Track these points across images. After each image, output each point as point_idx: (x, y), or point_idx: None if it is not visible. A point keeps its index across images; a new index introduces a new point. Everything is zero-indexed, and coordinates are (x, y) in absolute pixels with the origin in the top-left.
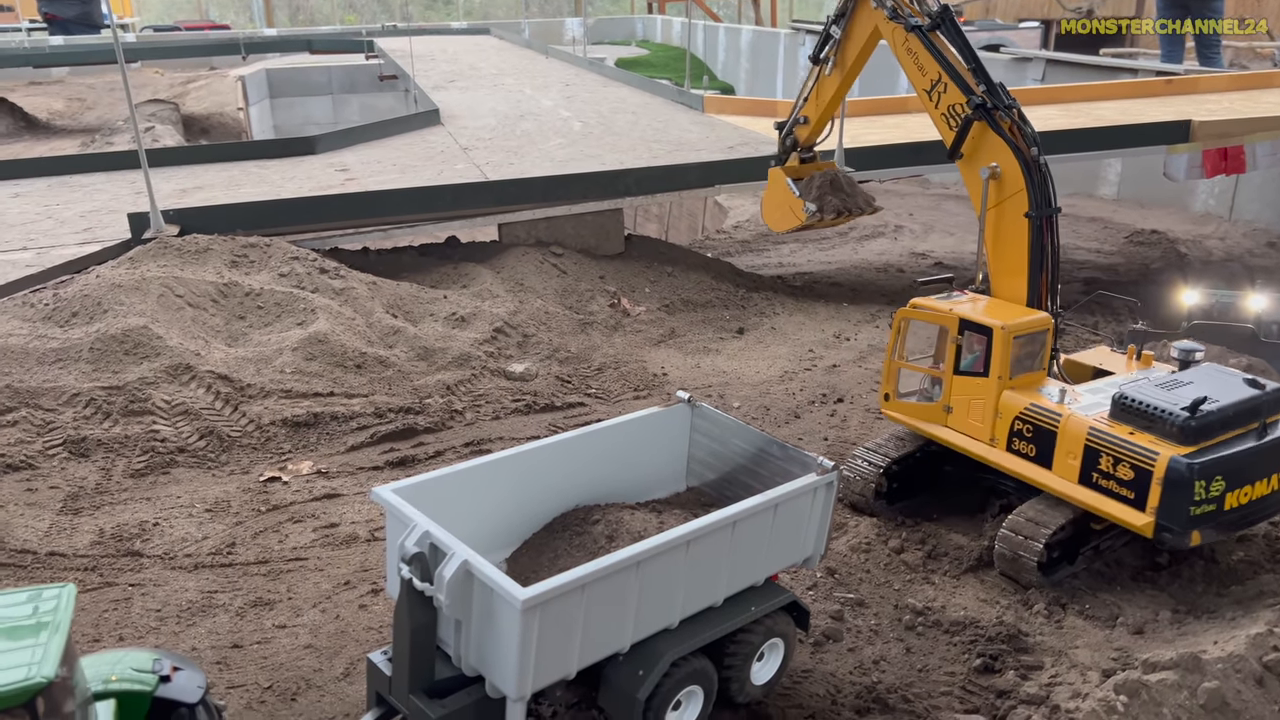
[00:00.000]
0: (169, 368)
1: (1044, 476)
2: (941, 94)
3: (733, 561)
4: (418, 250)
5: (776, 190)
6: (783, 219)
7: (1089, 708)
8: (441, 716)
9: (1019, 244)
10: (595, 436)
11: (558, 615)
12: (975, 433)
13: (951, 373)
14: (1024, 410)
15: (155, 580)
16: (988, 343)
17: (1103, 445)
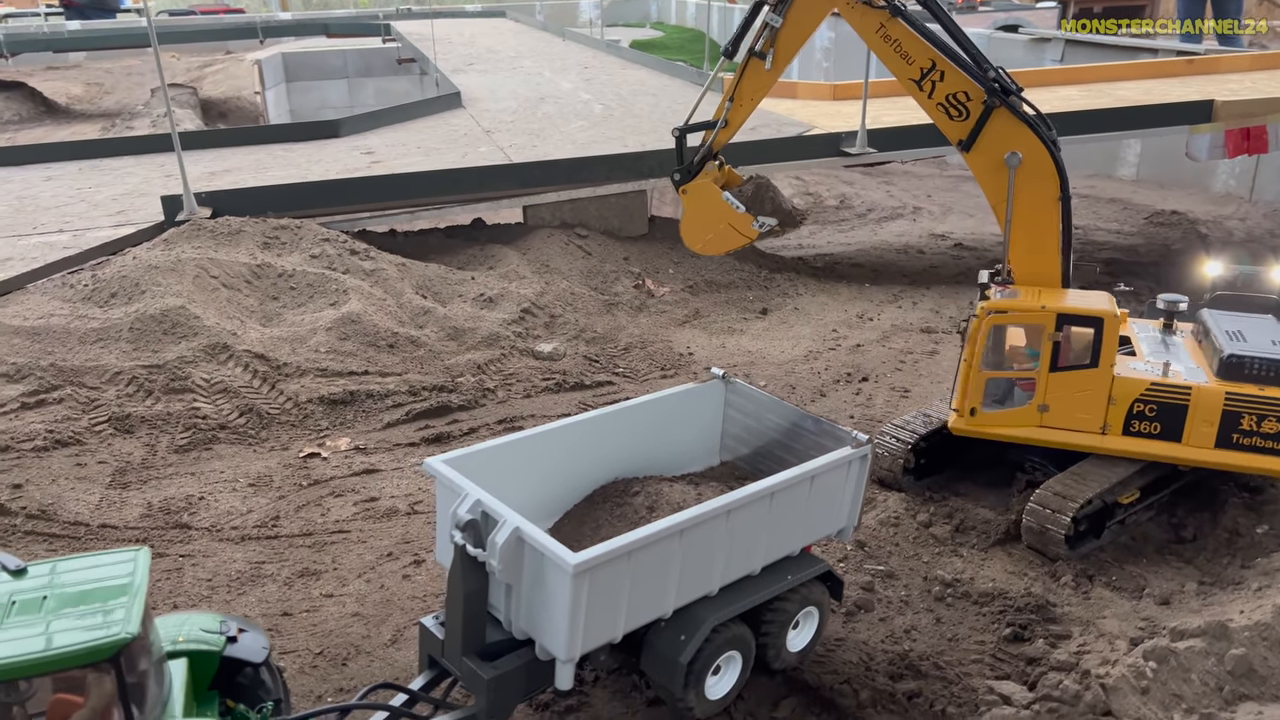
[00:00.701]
0: (207, 347)
1: (1173, 450)
2: (936, 82)
3: (770, 531)
4: (444, 232)
5: (708, 208)
6: (719, 239)
7: (1119, 673)
8: (494, 677)
9: (1049, 228)
10: (634, 411)
11: (606, 580)
12: (1081, 425)
13: (1048, 370)
14: (1146, 390)
15: (204, 551)
16: (1096, 332)
17: (1243, 407)
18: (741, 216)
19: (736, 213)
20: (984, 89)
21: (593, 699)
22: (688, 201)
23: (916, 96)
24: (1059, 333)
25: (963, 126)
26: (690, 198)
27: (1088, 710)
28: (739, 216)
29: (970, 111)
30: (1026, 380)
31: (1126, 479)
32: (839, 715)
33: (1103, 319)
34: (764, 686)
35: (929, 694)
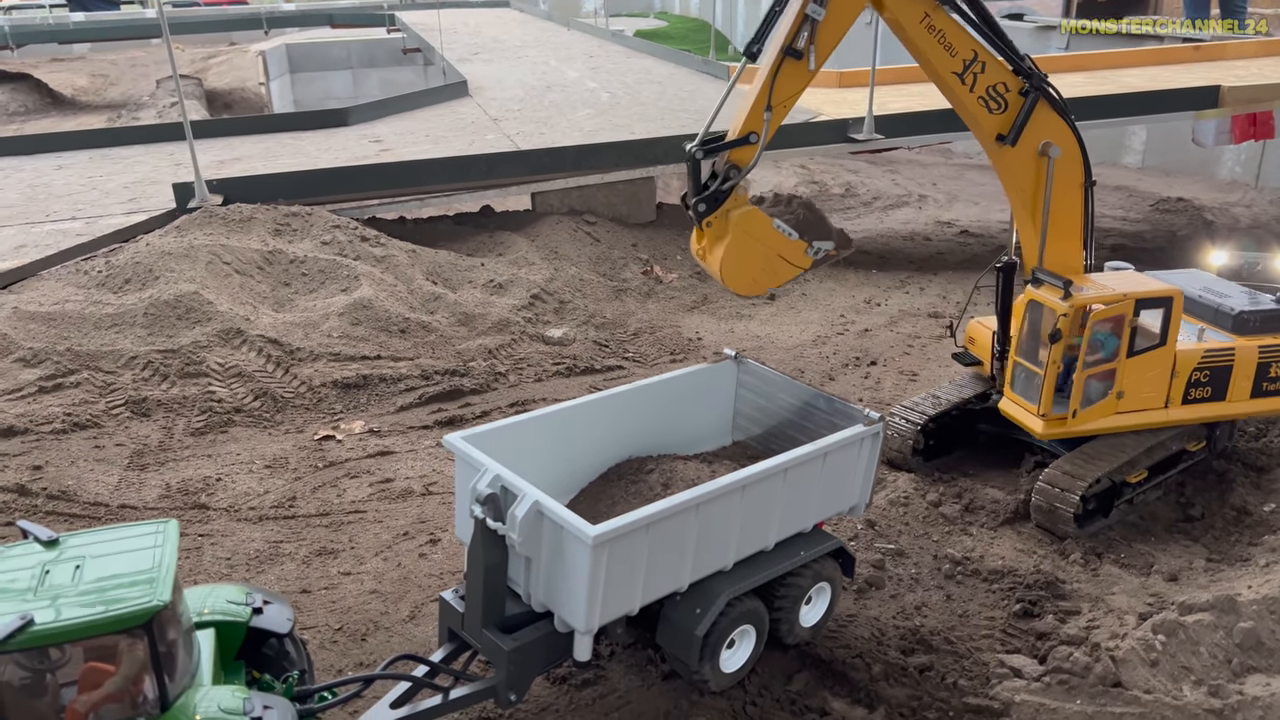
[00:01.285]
0: (221, 332)
1: (1219, 409)
2: (978, 75)
3: (784, 507)
4: (453, 219)
5: (755, 239)
6: (768, 274)
7: (1128, 646)
8: (514, 649)
9: (1074, 213)
10: (648, 391)
11: (624, 552)
12: (1148, 404)
13: (1125, 357)
14: (1202, 359)
15: (223, 531)
16: (1166, 311)
17: (1271, 357)
18: (794, 244)
19: (789, 240)
20: (1024, 79)
21: (609, 672)
22: (726, 236)
23: (954, 90)
24: (1137, 317)
25: (1003, 119)
26: (730, 230)
27: (1098, 682)
28: (791, 245)
29: (1008, 103)
30: (1106, 371)
31: (1135, 458)
32: (852, 689)
33: (1173, 298)
34: (777, 661)
35: (940, 668)
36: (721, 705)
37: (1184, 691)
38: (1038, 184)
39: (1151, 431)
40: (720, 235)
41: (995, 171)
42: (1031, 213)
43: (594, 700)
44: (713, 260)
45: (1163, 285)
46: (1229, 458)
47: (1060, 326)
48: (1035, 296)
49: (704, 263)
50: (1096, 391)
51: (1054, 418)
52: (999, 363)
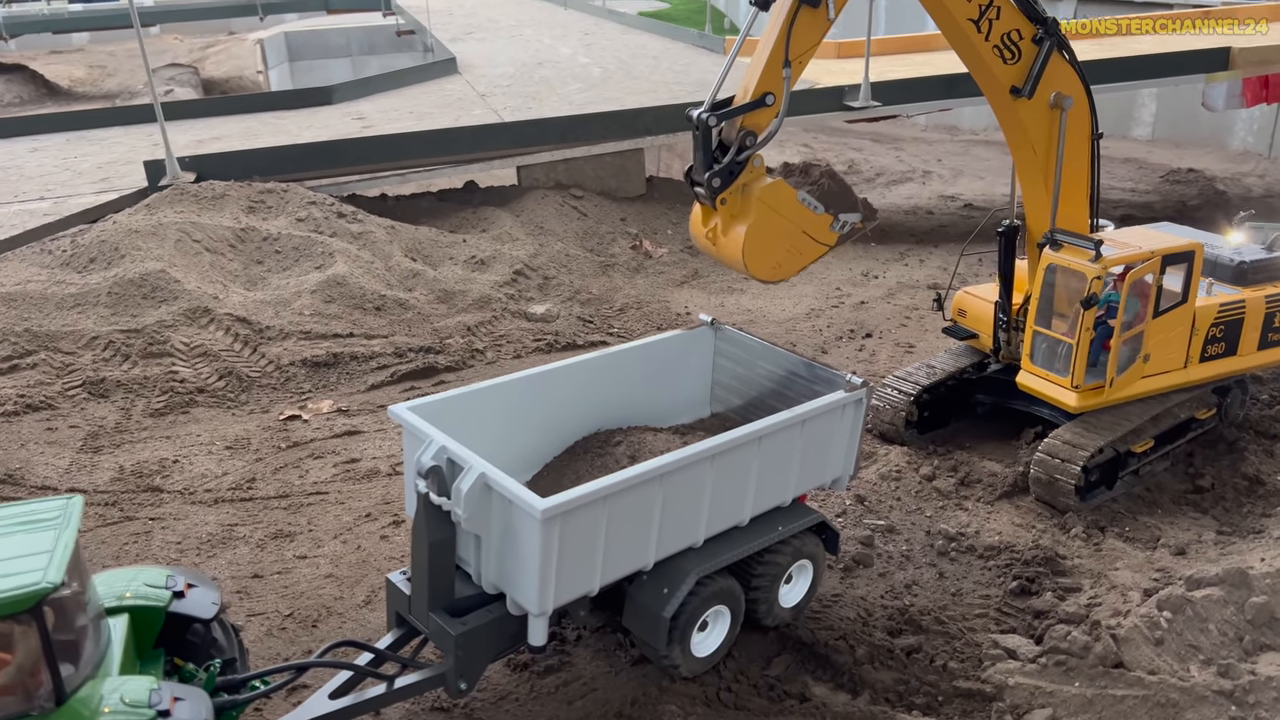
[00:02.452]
0: (187, 311)
1: (1231, 364)
2: (993, 20)
3: (759, 479)
4: (436, 195)
5: (779, 215)
6: (793, 255)
7: (1131, 624)
8: (462, 634)
9: (1083, 170)
10: (617, 358)
11: (579, 528)
12: (1171, 365)
13: (1152, 317)
14: (1218, 314)
15: (175, 514)
16: (1189, 267)
17: (1276, 306)
18: (819, 219)
19: (814, 215)
20: (1038, 25)
21: (574, 658)
22: (743, 213)
23: (969, 40)
24: (1162, 275)
25: (1017, 70)
26: (753, 206)
27: (1098, 662)
28: (816, 220)
29: (1021, 51)
30: (1136, 333)
31: (1140, 427)
32: (835, 672)
33: (1194, 251)
34: (756, 644)
35: (929, 649)
36: (693, 691)
37: (1191, 672)
38: (1050, 139)
39: (1158, 398)
40: (736, 214)
41: (1004, 131)
42: (1044, 171)
43: (556, 688)
44: (729, 244)
45: (1184, 239)
46: (1240, 426)
47: (1095, 290)
48: (1058, 260)
49: (714, 249)
50: (1126, 356)
51: (1088, 389)
52: (1004, 333)
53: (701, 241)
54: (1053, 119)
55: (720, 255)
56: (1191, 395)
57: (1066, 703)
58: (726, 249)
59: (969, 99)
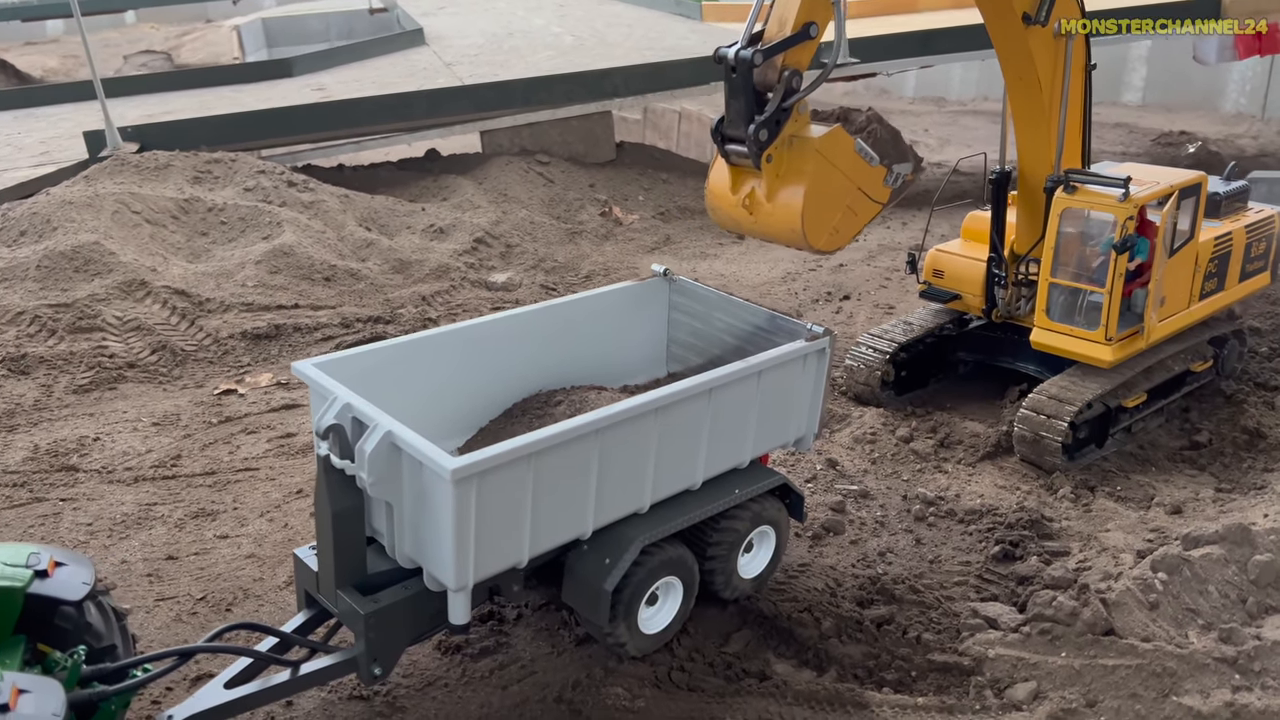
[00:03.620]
0: (122, 284)
1: (1221, 300)
2: None
3: (711, 437)
4: (395, 165)
5: (839, 170)
6: (849, 216)
7: (1123, 587)
8: (373, 613)
9: (1080, 105)
10: (558, 310)
11: (500, 490)
12: (1180, 306)
13: (1165, 259)
14: (1215, 247)
15: (89, 495)
16: (1195, 201)
17: (1253, 236)
18: (874, 172)
19: (870, 168)
20: None
21: (513, 639)
22: (794, 171)
23: None
24: (1178, 211)
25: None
26: (810, 160)
27: (1086, 630)
28: (871, 173)
29: None
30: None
31: (1132, 380)
32: (799, 648)
33: (1201, 184)
34: (713, 619)
35: (902, 620)
36: (642, 672)
37: (1190, 638)
38: (1055, 71)
39: (1151, 350)
40: (784, 173)
41: (1006, 68)
42: (1048, 108)
43: (491, 672)
44: (778, 211)
45: (1189, 172)
46: (1239, 379)
47: (1130, 230)
48: (1077, 203)
49: (751, 220)
50: (1142, 300)
51: (1121, 339)
52: (1000, 288)
53: (733, 214)
54: (1058, 49)
55: (762, 227)
56: (1186, 346)
57: (1052, 675)
58: (774, 217)
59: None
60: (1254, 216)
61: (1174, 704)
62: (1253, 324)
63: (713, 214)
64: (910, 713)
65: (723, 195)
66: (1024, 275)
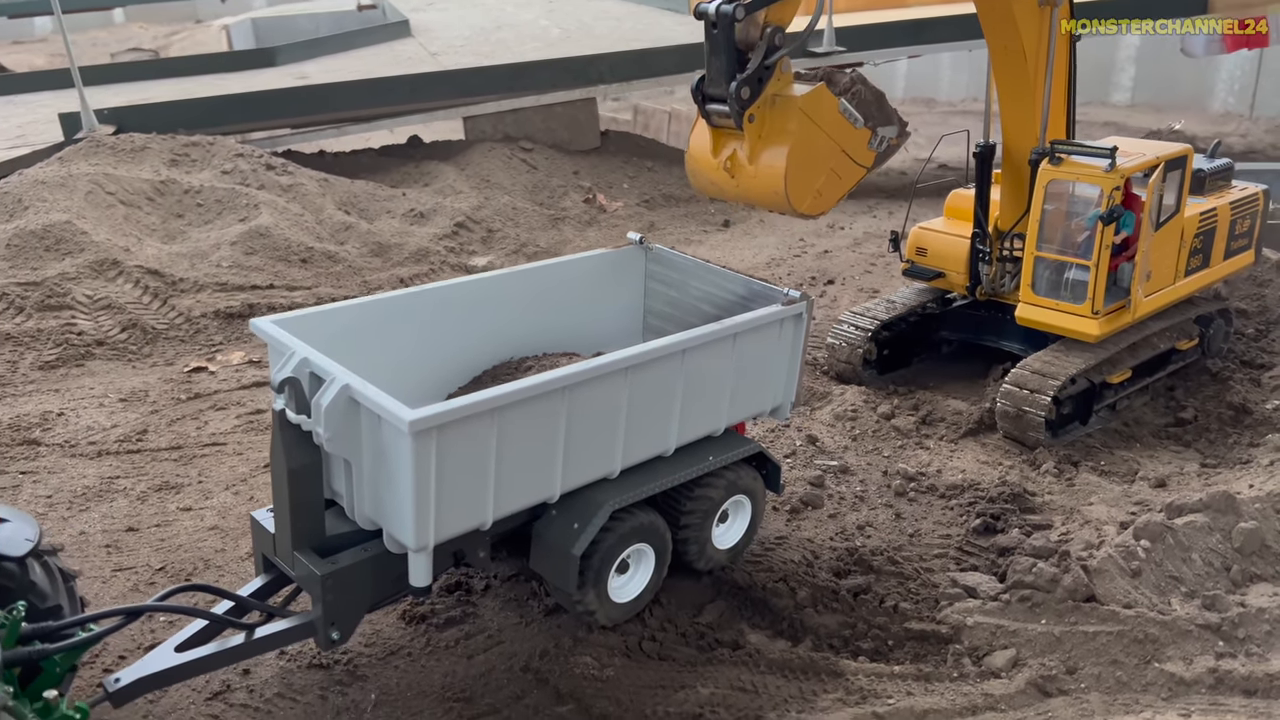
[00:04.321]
0: (93, 263)
1: (1206, 276)
2: None
3: (685, 401)
4: (378, 151)
5: (822, 130)
6: (833, 180)
7: (1104, 554)
8: (330, 574)
9: (1064, 77)
10: (531, 275)
11: (462, 445)
12: (1166, 281)
13: (1151, 233)
14: (1200, 222)
15: (51, 468)
16: (1181, 174)
17: (1237, 213)
18: (859, 134)
19: (854, 130)
20: None
21: (480, 609)
22: (776, 131)
23: None
24: (1164, 183)
25: None
26: (794, 119)
27: (1066, 596)
28: (856, 135)
29: None
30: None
31: (1116, 355)
32: (774, 618)
33: (1187, 156)
34: (687, 590)
35: (879, 590)
36: (612, 641)
37: (1173, 605)
38: (1040, 39)
39: (1135, 326)
40: (766, 133)
41: (991, 39)
42: (1032, 79)
43: (457, 641)
44: (760, 172)
45: (1175, 145)
46: (1224, 358)
47: (1116, 201)
48: (1063, 174)
49: (732, 184)
50: (1129, 274)
51: (1108, 313)
52: (985, 265)
53: (712, 177)
54: (1043, 17)
55: (744, 190)
56: (1172, 323)
57: (1031, 642)
58: (756, 179)
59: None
60: (1238, 194)
61: (1156, 670)
62: (1239, 306)
63: (693, 179)
64: (886, 680)
65: (703, 158)
66: (1009, 251)
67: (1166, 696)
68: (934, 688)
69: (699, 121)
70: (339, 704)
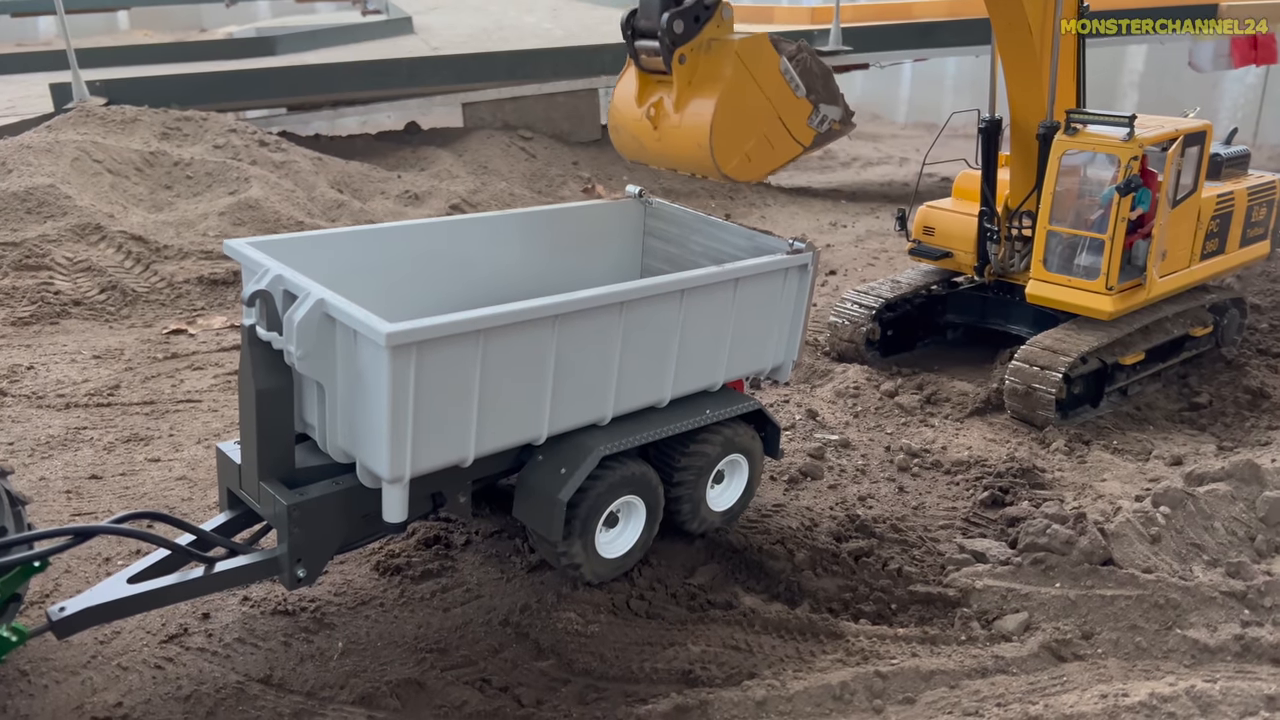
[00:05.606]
0: (75, 227)
1: (1222, 263)
2: None
3: (682, 347)
4: (374, 136)
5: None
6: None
7: (1122, 519)
8: (297, 504)
9: (1073, 51)
10: (525, 219)
11: (443, 367)
12: (1181, 264)
13: (1170, 207)
14: (1216, 205)
15: (15, 417)
16: (1199, 151)
17: (1254, 200)
18: (798, 104)
19: (794, 97)
20: None
21: (459, 564)
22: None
23: None
24: (1181, 159)
25: None
26: (728, 66)
27: (1083, 559)
28: (795, 104)
29: None
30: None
31: (1129, 336)
32: (770, 582)
33: (1206, 133)
34: (678, 552)
35: (882, 554)
36: (599, 599)
37: (1194, 572)
38: (1045, 12)
39: (1149, 307)
40: (698, 80)
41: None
42: (1039, 54)
43: (433, 594)
44: (685, 123)
45: (1194, 120)
46: (1239, 347)
47: (1134, 171)
48: (1079, 144)
49: (654, 136)
50: (1144, 251)
51: (1122, 289)
52: (993, 244)
53: (633, 129)
54: None
55: (666, 144)
56: (1186, 308)
57: (1045, 606)
58: (680, 131)
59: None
60: (1256, 180)
61: (1178, 636)
62: (1254, 301)
63: (613, 135)
64: (890, 643)
65: (627, 109)
66: (1018, 230)
67: (1189, 664)
68: (940, 650)
69: (628, 70)
70: (304, 651)
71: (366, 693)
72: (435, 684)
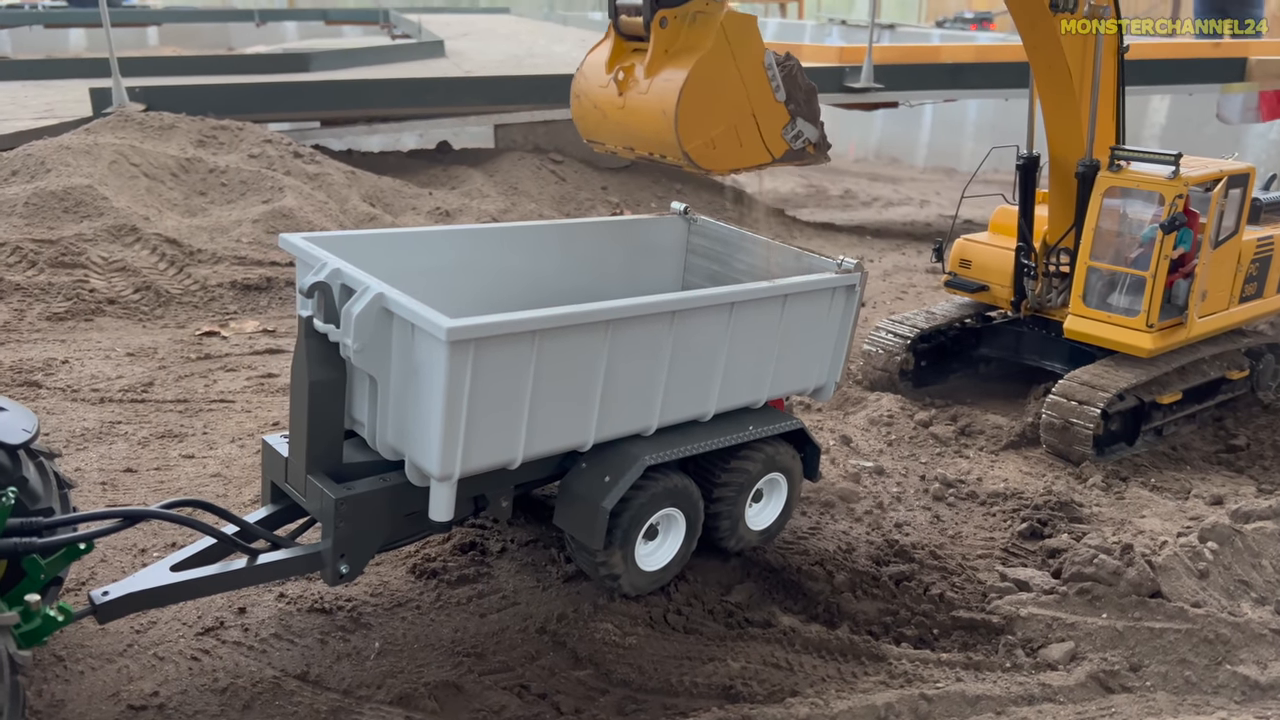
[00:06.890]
0: (111, 228)
1: (1259, 307)
2: None
3: (729, 362)
4: (407, 154)
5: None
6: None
7: (1169, 553)
8: (344, 499)
9: (1113, 91)
10: (570, 230)
11: (498, 366)
12: (1220, 305)
13: (1211, 248)
14: (1256, 249)
15: (50, 409)
16: (1242, 192)
17: None
18: (775, 107)
19: (772, 99)
20: None
21: (495, 570)
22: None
23: None
24: (1225, 199)
25: None
26: (710, 37)
27: (1130, 590)
28: (773, 107)
29: None
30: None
31: (1166, 375)
32: (808, 602)
33: (1249, 175)
34: (715, 569)
35: (923, 579)
36: (635, 611)
37: (1243, 609)
38: (1085, 55)
39: (1187, 348)
40: (674, 49)
41: (1034, 58)
42: (1078, 95)
43: (469, 599)
44: (654, 88)
45: (1238, 162)
46: (1276, 392)
47: (1179, 209)
48: (1123, 181)
49: (618, 107)
50: (1185, 291)
51: (1163, 327)
52: (1030, 279)
53: (596, 95)
54: (1087, 36)
55: (628, 114)
56: (1223, 350)
57: (1091, 636)
58: (646, 97)
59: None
60: None
61: (1228, 672)
62: None
63: (574, 104)
64: (933, 667)
65: (594, 73)
66: (1055, 266)
67: (1240, 700)
68: (985, 676)
69: (605, 39)
70: (340, 649)
71: (404, 693)
72: (473, 687)
